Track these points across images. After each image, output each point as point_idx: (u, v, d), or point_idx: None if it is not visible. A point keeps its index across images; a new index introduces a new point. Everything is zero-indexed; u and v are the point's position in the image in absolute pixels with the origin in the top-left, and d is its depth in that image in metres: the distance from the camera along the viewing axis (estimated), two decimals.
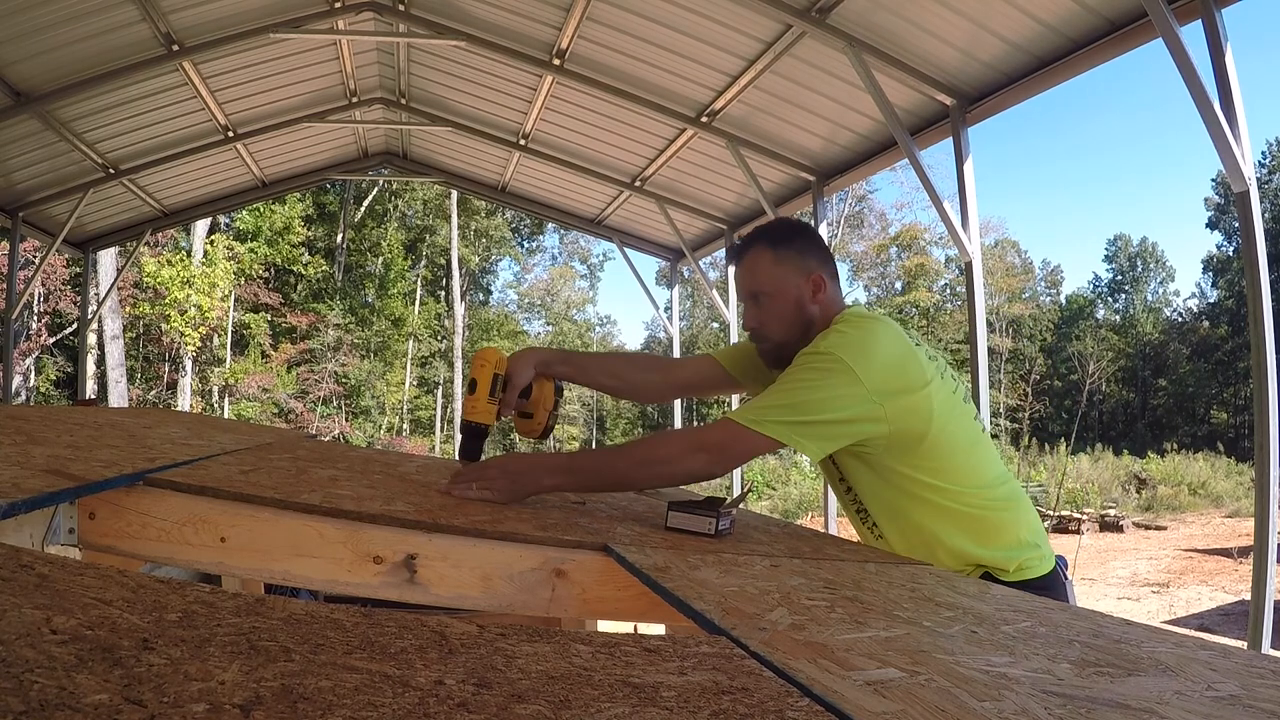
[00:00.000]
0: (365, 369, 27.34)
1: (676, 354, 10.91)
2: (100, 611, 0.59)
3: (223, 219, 24.17)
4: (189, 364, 23.40)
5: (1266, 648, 3.53)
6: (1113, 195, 61.50)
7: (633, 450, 1.64)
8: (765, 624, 0.87)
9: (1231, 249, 34.56)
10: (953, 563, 1.62)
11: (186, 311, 21.60)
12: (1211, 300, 37.01)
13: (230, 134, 8.30)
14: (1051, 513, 14.26)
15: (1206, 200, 37.03)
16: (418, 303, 31.04)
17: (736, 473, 9.18)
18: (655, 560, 1.18)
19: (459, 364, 29.45)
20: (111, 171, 8.18)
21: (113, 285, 13.70)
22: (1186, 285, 67.94)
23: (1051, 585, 1.63)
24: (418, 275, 31.25)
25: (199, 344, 22.67)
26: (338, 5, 6.81)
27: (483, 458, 1.73)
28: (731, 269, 1.72)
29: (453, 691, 0.54)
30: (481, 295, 34.91)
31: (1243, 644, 3.67)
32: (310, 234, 27.27)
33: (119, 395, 18.59)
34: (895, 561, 1.51)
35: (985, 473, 1.67)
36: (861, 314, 1.65)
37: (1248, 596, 4.27)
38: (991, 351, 30.89)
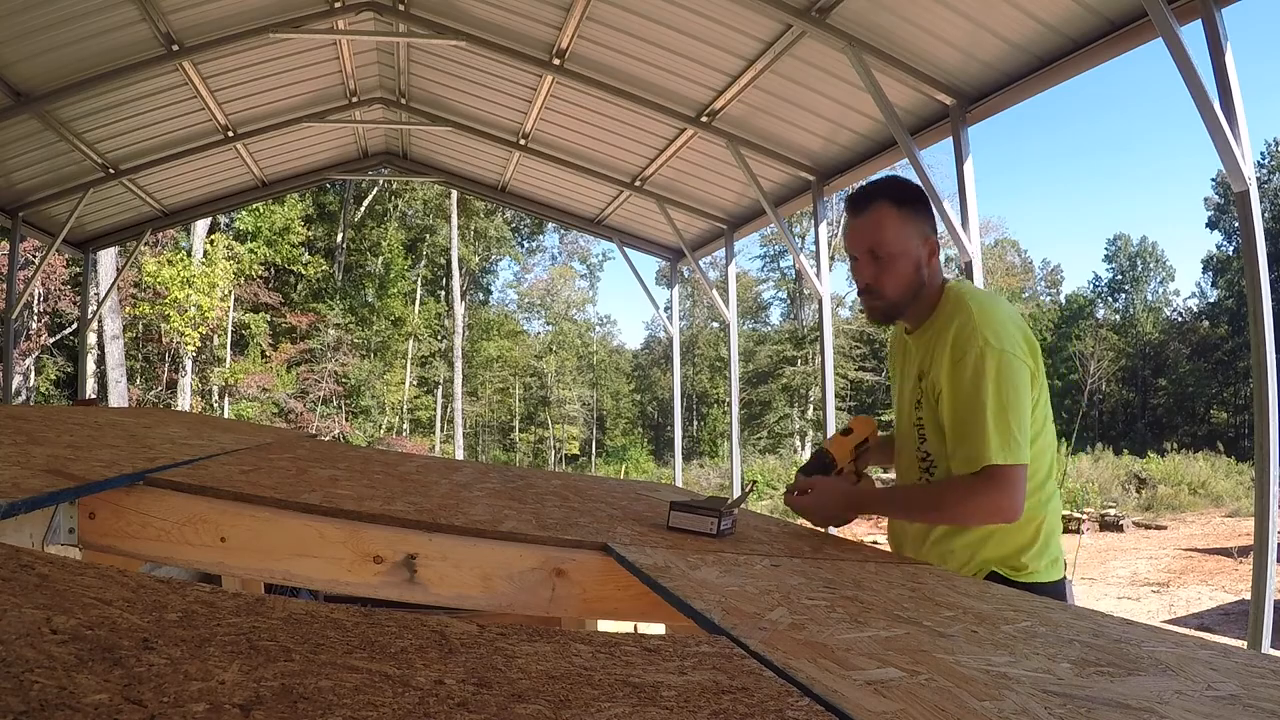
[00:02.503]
0: (365, 369, 27.34)
1: (676, 353, 10.93)
2: (100, 611, 0.59)
3: (223, 219, 24.17)
4: (189, 364, 23.40)
5: (1266, 648, 3.53)
6: (1113, 195, 61.47)
7: (935, 508, 1.67)
8: (765, 624, 0.87)
9: (1231, 249, 34.54)
10: (998, 551, 1.65)
11: (186, 311, 21.60)
12: (1211, 300, 36.99)
13: (230, 134, 8.30)
14: None
15: (1206, 200, 37.02)
16: (418, 302, 31.04)
17: (737, 473, 9.18)
18: (655, 560, 1.18)
19: (459, 364, 29.45)
20: (111, 171, 8.17)
21: (113, 285, 13.70)
22: (1186, 285, 67.97)
23: (1059, 592, 1.65)
24: (418, 275, 31.26)
25: (199, 344, 22.67)
26: (337, 5, 6.81)
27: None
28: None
29: (453, 691, 0.54)
30: (481, 295, 34.92)
31: (1243, 644, 3.67)
32: (310, 234, 27.27)
33: (119, 395, 18.59)
34: (895, 561, 1.51)
35: (1044, 461, 1.70)
36: (986, 292, 1.73)
37: (1248, 596, 4.27)
38: None
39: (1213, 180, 35.82)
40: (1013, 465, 1.55)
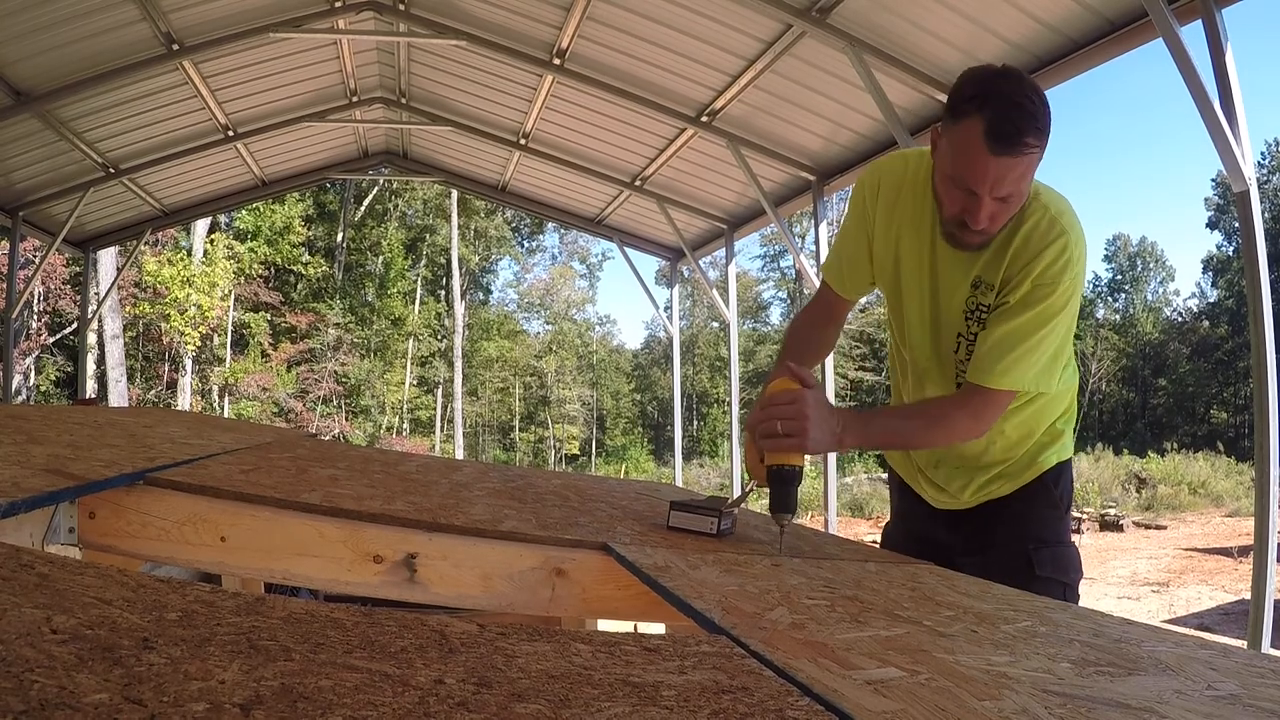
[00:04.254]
0: (365, 368, 27.34)
1: (676, 353, 10.92)
2: (100, 611, 0.59)
3: (223, 218, 24.16)
4: (189, 363, 23.40)
5: (1266, 647, 3.53)
6: (1113, 195, 61.49)
7: (928, 429, 1.58)
8: (765, 623, 0.87)
9: (1231, 249, 34.53)
10: (1050, 438, 1.70)
11: (186, 311, 21.60)
12: (1211, 300, 36.99)
13: (230, 133, 8.30)
14: None
15: (1206, 200, 37.02)
16: (418, 302, 31.03)
17: (736, 473, 9.18)
18: (655, 559, 1.18)
19: (459, 364, 29.45)
20: (111, 171, 8.18)
21: (113, 284, 13.69)
22: (1186, 285, 67.99)
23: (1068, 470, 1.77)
24: (418, 275, 31.25)
25: (199, 343, 22.67)
26: (338, 5, 6.81)
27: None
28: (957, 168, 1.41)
29: (453, 691, 0.54)
30: (481, 295, 34.92)
31: (1243, 644, 3.67)
32: (310, 233, 27.26)
33: (119, 395, 18.59)
34: (895, 561, 1.51)
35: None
36: (1061, 200, 1.57)
37: (1248, 596, 4.27)
38: None
39: (1213, 180, 35.85)
40: (1012, 393, 1.54)
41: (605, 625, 2.04)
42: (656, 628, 1.42)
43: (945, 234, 1.54)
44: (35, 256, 11.43)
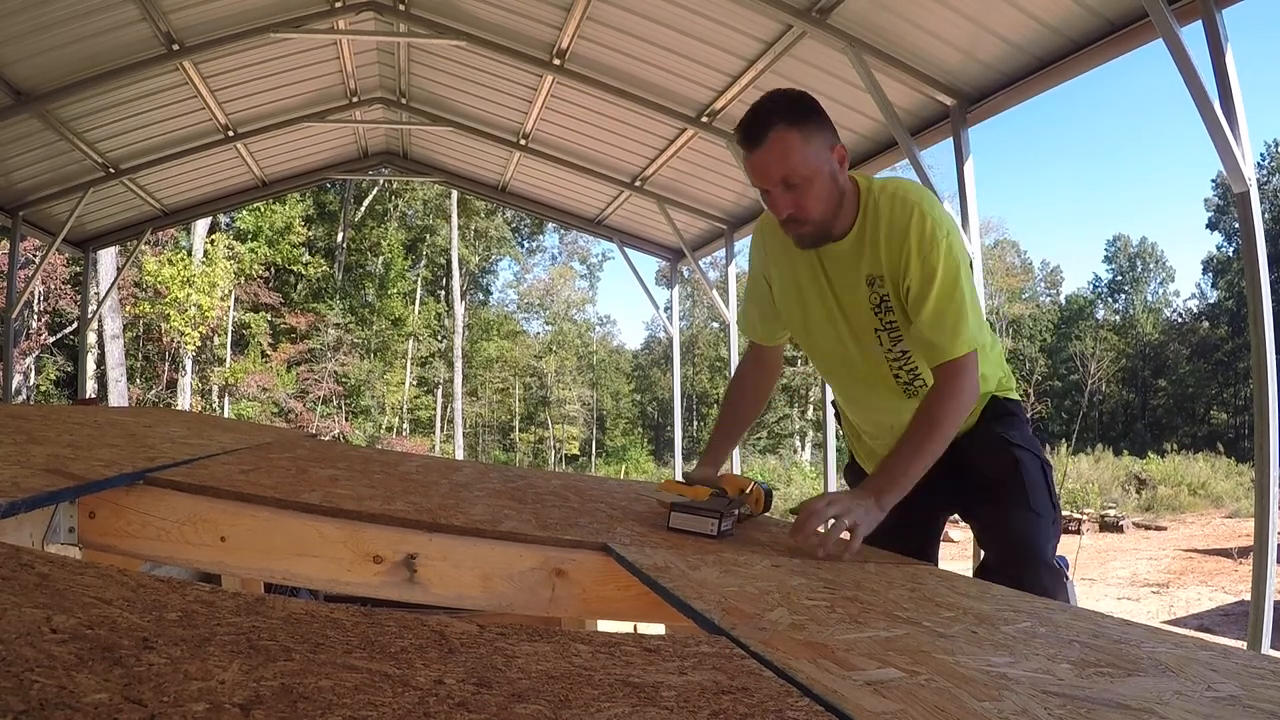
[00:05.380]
0: (365, 369, 27.34)
1: (676, 353, 10.92)
2: (100, 611, 0.59)
3: (223, 218, 24.16)
4: (189, 363, 23.40)
5: (1266, 648, 3.53)
6: (1113, 195, 61.47)
7: (935, 430, 1.61)
8: (765, 624, 0.87)
9: (1231, 249, 34.52)
10: (988, 386, 1.82)
11: (186, 311, 21.60)
12: (1211, 301, 36.98)
13: (230, 134, 8.30)
14: None
15: (1206, 201, 37.01)
16: (418, 302, 31.03)
17: (736, 473, 9.18)
18: (655, 560, 1.18)
19: (459, 364, 29.45)
20: (111, 171, 8.17)
21: (113, 284, 13.68)
22: (1186, 286, 67.85)
23: (1020, 409, 1.91)
24: (418, 275, 31.25)
25: (199, 343, 22.67)
26: (338, 5, 6.81)
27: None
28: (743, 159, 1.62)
29: (453, 691, 0.54)
30: (481, 295, 34.92)
31: (1243, 644, 3.67)
32: (310, 234, 27.25)
33: (119, 394, 18.58)
34: (895, 562, 1.51)
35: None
36: (906, 182, 1.73)
37: (1248, 596, 4.27)
38: None
39: (1213, 181, 35.83)
40: (974, 350, 1.65)
41: (605, 626, 2.04)
42: (656, 628, 1.42)
43: (795, 242, 1.71)
44: (35, 256, 11.43)
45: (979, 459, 1.78)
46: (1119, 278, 41.60)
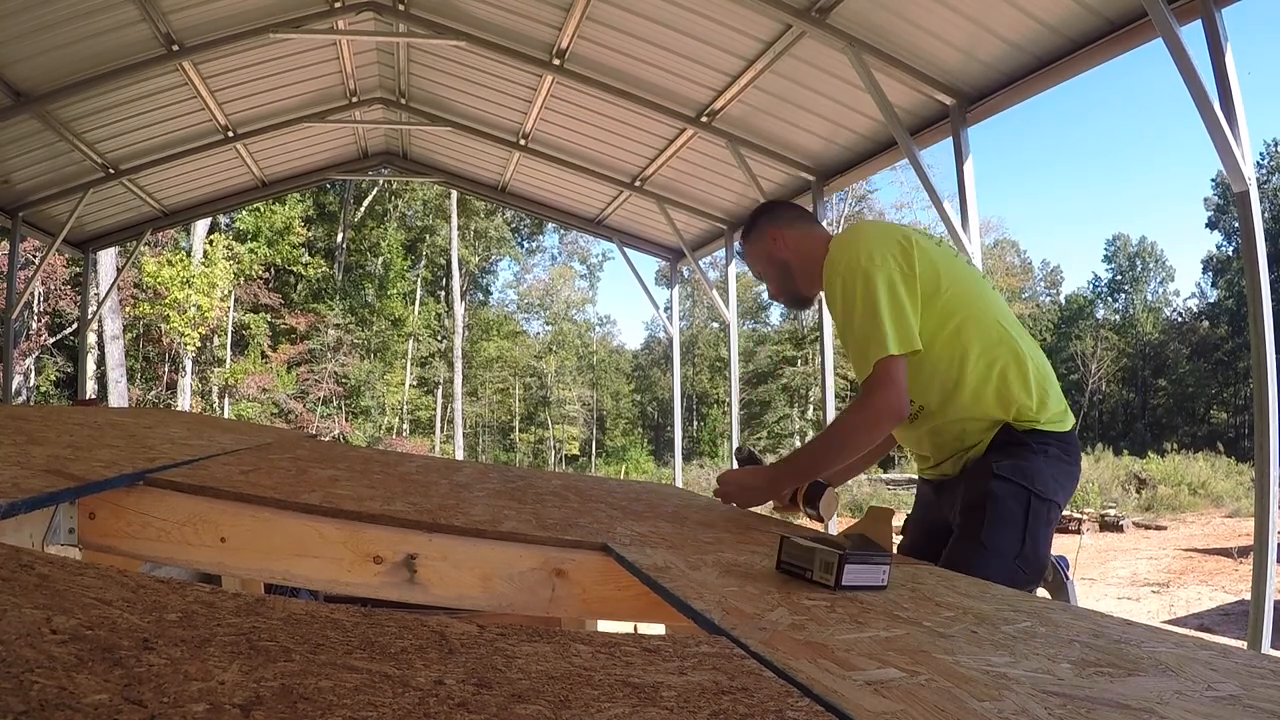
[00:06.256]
0: (365, 369, 27.34)
1: (676, 353, 10.92)
2: (100, 611, 0.59)
3: (223, 219, 24.17)
4: (189, 364, 23.40)
5: (1266, 648, 3.53)
6: (1112, 195, 61.45)
7: (831, 430, 1.90)
8: (765, 624, 0.87)
9: (1231, 249, 34.53)
10: (1002, 406, 1.80)
11: (186, 311, 21.60)
12: (1211, 300, 36.99)
13: (230, 134, 8.30)
14: None
15: (1206, 200, 37.01)
16: (417, 303, 31.04)
17: None
18: (655, 560, 1.18)
19: (459, 364, 29.45)
20: (111, 171, 8.17)
21: (113, 285, 13.69)
22: (1186, 285, 67.82)
23: (1072, 441, 1.87)
24: (418, 275, 31.26)
25: (199, 344, 22.67)
26: (338, 5, 6.81)
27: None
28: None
29: (453, 691, 0.54)
30: (481, 295, 34.93)
31: (1243, 644, 3.67)
32: (310, 234, 27.26)
33: (119, 395, 18.59)
34: (895, 562, 1.51)
35: (958, 320, 1.85)
36: (850, 228, 1.97)
37: (1248, 596, 4.27)
38: None
39: (1213, 181, 35.84)
40: (891, 357, 1.71)
41: (605, 626, 2.04)
42: (656, 628, 1.42)
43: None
44: (35, 257, 11.43)
45: (964, 486, 1.79)
46: (1119, 277, 41.62)
